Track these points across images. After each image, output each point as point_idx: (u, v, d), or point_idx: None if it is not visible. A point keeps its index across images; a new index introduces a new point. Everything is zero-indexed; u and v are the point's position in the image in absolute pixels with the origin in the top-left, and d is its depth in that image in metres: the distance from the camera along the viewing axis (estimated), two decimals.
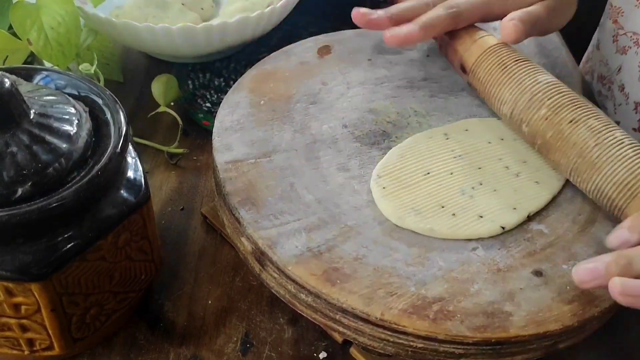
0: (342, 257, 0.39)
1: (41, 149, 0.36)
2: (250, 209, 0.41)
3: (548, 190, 0.44)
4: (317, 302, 0.38)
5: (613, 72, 0.62)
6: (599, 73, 0.65)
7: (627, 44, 0.60)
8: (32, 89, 0.39)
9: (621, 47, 0.60)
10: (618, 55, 0.61)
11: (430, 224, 0.41)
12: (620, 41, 0.60)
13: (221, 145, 0.45)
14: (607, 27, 0.63)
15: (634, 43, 0.59)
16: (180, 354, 0.43)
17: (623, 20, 0.60)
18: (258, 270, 0.41)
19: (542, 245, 0.41)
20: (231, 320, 0.45)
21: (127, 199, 0.39)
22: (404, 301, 0.37)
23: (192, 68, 0.65)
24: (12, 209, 0.33)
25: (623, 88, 0.60)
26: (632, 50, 0.59)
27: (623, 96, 0.60)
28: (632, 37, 0.59)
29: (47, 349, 0.39)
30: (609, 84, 0.63)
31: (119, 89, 0.63)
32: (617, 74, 0.61)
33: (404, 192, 0.43)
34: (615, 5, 0.62)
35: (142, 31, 0.57)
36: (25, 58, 0.57)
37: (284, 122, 0.48)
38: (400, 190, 0.43)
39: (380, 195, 0.43)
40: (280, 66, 0.53)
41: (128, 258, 0.41)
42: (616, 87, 0.61)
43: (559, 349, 0.38)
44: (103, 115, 0.40)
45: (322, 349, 0.44)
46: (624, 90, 0.60)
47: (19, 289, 0.36)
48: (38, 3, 0.55)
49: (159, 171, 0.56)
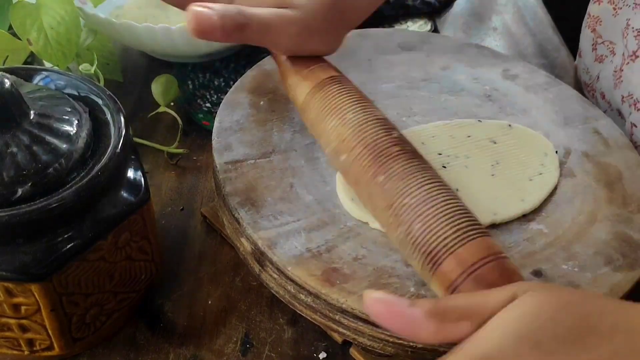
0: (341, 257, 0.39)
1: (41, 149, 0.36)
2: (250, 209, 0.41)
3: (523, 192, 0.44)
4: (317, 303, 0.38)
5: (594, 80, 0.62)
6: (583, 80, 0.65)
7: (604, 52, 0.60)
8: (32, 89, 0.39)
9: (599, 56, 0.61)
10: (597, 64, 0.61)
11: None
12: (598, 50, 0.61)
13: (221, 145, 0.45)
14: (586, 36, 0.63)
15: (609, 52, 0.59)
16: (180, 354, 0.43)
17: (601, 29, 0.60)
18: (258, 270, 0.41)
19: (542, 245, 0.41)
20: (231, 321, 0.45)
21: (127, 199, 0.39)
22: None
23: (192, 68, 0.65)
24: (12, 209, 0.33)
25: (604, 96, 0.60)
26: (607, 59, 0.59)
27: (606, 104, 0.60)
28: (608, 46, 0.59)
29: (47, 349, 0.40)
30: (592, 92, 0.63)
31: (119, 89, 0.63)
32: (597, 81, 0.61)
33: None
34: (594, 15, 0.62)
35: (142, 31, 0.57)
36: (25, 58, 0.57)
37: (284, 123, 0.48)
38: None
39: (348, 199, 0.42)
40: None
41: (128, 258, 0.41)
42: (598, 94, 0.61)
43: None
44: (103, 115, 0.40)
45: (322, 349, 0.44)
46: (605, 97, 0.60)
47: (19, 289, 0.36)
48: (38, 3, 0.55)
49: (159, 171, 0.56)
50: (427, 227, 0.33)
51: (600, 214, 0.43)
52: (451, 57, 0.57)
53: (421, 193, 0.34)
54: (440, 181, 0.35)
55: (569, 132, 0.50)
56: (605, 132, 0.50)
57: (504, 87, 0.54)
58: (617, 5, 0.58)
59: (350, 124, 0.38)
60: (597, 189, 0.45)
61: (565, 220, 0.43)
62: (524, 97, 0.53)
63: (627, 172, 0.47)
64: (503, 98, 0.53)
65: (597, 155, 0.48)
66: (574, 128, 0.51)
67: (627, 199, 0.45)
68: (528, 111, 0.52)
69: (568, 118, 0.52)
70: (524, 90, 0.54)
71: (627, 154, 0.48)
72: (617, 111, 0.58)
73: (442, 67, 0.55)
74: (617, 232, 0.42)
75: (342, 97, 0.40)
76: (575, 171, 0.47)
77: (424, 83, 0.53)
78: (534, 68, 0.57)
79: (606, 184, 0.46)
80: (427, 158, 0.45)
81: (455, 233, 0.32)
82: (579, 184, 0.46)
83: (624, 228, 0.42)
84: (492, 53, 0.59)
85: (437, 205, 0.33)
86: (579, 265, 0.40)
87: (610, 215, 0.43)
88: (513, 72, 0.56)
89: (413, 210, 0.34)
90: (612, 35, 0.59)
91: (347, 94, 0.40)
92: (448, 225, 0.33)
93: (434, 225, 0.33)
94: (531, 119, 0.51)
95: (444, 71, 0.55)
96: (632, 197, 0.45)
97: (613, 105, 0.59)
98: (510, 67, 0.57)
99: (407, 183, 0.35)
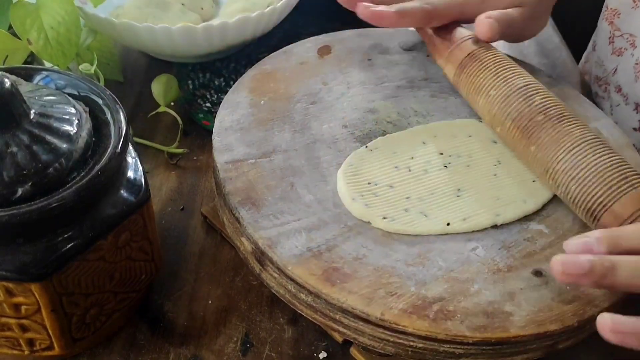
0: (342, 257, 0.39)
1: (41, 149, 0.36)
2: (250, 208, 0.41)
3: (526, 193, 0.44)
4: (317, 302, 0.38)
5: (609, 74, 0.62)
6: (595, 74, 0.65)
7: (623, 45, 0.59)
8: (32, 89, 0.39)
9: (617, 49, 0.60)
10: (614, 57, 0.61)
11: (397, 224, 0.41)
12: (616, 43, 0.60)
13: (221, 145, 0.45)
14: (602, 29, 0.63)
15: (630, 45, 0.59)
16: (180, 354, 0.43)
17: (619, 22, 0.60)
18: (258, 270, 0.41)
19: (542, 245, 0.41)
20: (231, 320, 0.45)
21: (127, 199, 0.39)
22: (404, 301, 0.37)
23: (192, 68, 0.65)
24: (12, 209, 0.33)
25: (620, 89, 0.60)
26: (627, 52, 0.59)
27: (621, 97, 0.60)
28: (628, 39, 0.59)
29: (47, 349, 0.39)
30: (605, 85, 0.63)
31: (119, 89, 0.63)
32: (613, 75, 0.61)
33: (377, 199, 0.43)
34: (612, 7, 0.62)
35: (142, 31, 0.57)
36: (25, 58, 0.57)
37: (284, 122, 0.48)
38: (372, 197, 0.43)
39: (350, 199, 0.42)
40: (280, 66, 0.53)
41: (128, 258, 0.41)
42: (612, 88, 0.61)
43: (559, 349, 0.38)
44: (103, 115, 0.40)
45: (322, 349, 0.44)
46: (622, 91, 0.60)
47: (19, 289, 0.36)
48: (38, 3, 0.55)
49: (159, 171, 0.56)
50: (582, 189, 0.39)
51: None
52: None
53: (570, 158, 0.40)
54: (587, 140, 0.41)
55: None
56: (605, 132, 0.50)
57: None
58: None
59: (495, 101, 0.45)
60: None
61: (565, 220, 0.43)
62: None
63: None
64: None
65: None
66: None
67: None
68: None
69: None
70: None
71: (627, 154, 0.48)
72: (634, 104, 0.58)
73: None
74: None
75: (483, 74, 0.46)
76: None
77: (424, 83, 0.53)
78: (534, 68, 0.57)
79: None
80: (428, 158, 0.45)
81: (608, 190, 0.38)
82: None
83: None
84: None
85: (587, 167, 0.39)
86: None
87: None
88: None
89: (566, 175, 0.40)
90: (630, 28, 0.58)
91: (487, 69, 0.46)
92: (600, 185, 0.39)
93: (588, 186, 0.39)
94: None
95: None
96: None
97: (630, 98, 0.58)
98: None
99: (556, 151, 0.41)
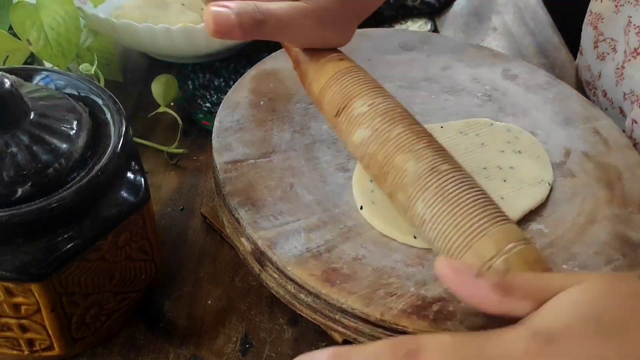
0: (341, 257, 0.39)
1: (41, 149, 0.36)
2: (250, 209, 0.41)
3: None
4: (317, 303, 0.38)
5: (595, 78, 0.62)
6: (585, 79, 0.65)
7: (606, 50, 0.60)
8: (32, 89, 0.39)
9: (600, 54, 0.61)
10: (598, 62, 0.61)
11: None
12: (600, 47, 0.61)
13: (221, 145, 0.45)
14: (587, 34, 0.63)
15: (611, 49, 0.59)
16: (180, 354, 0.43)
17: (603, 26, 0.60)
18: (258, 270, 0.41)
19: (542, 245, 0.41)
20: (231, 321, 0.45)
21: (127, 199, 0.39)
22: (403, 301, 0.37)
23: (192, 68, 0.65)
24: (12, 209, 0.33)
25: (606, 94, 0.60)
26: (609, 57, 0.59)
27: (607, 101, 0.60)
28: (610, 43, 0.59)
29: (47, 349, 0.40)
30: (593, 90, 0.63)
31: (119, 89, 0.63)
32: (599, 79, 0.61)
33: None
34: (595, 12, 0.62)
35: (142, 31, 0.58)
36: (25, 58, 0.57)
37: (284, 122, 0.48)
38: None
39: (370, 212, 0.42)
40: (280, 66, 0.53)
41: (128, 258, 0.41)
42: (600, 92, 0.61)
43: None
44: (103, 115, 0.40)
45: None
46: (607, 95, 0.60)
47: (19, 289, 0.36)
48: (38, 3, 0.55)
49: (159, 171, 0.56)
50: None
51: (600, 214, 0.43)
52: (451, 57, 0.57)
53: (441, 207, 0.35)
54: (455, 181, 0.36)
55: (569, 132, 0.50)
56: (605, 132, 0.50)
57: (504, 87, 0.54)
58: (618, 2, 0.58)
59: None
60: (597, 189, 0.45)
61: (565, 220, 0.43)
62: (524, 97, 0.53)
63: (627, 172, 0.47)
64: (503, 98, 0.53)
65: (597, 155, 0.48)
66: (574, 128, 0.51)
67: (627, 199, 0.45)
68: (528, 111, 0.52)
69: (568, 118, 0.52)
70: (524, 90, 0.54)
71: (627, 154, 0.48)
72: (619, 109, 0.58)
73: (442, 67, 0.55)
74: (617, 232, 0.42)
75: (355, 88, 0.40)
76: (575, 171, 0.47)
77: (424, 83, 0.53)
78: (534, 68, 0.57)
79: (606, 184, 0.46)
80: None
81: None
82: (579, 184, 0.46)
83: (624, 228, 0.42)
84: (492, 53, 0.59)
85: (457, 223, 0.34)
86: (579, 265, 0.40)
87: (610, 216, 0.43)
88: (513, 72, 0.56)
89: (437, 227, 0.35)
90: (613, 33, 0.59)
91: (360, 84, 0.41)
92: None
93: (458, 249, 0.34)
94: (531, 119, 0.51)
95: (444, 71, 0.55)
96: (632, 197, 0.45)
97: (615, 103, 0.59)
98: (510, 67, 0.57)
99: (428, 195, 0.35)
